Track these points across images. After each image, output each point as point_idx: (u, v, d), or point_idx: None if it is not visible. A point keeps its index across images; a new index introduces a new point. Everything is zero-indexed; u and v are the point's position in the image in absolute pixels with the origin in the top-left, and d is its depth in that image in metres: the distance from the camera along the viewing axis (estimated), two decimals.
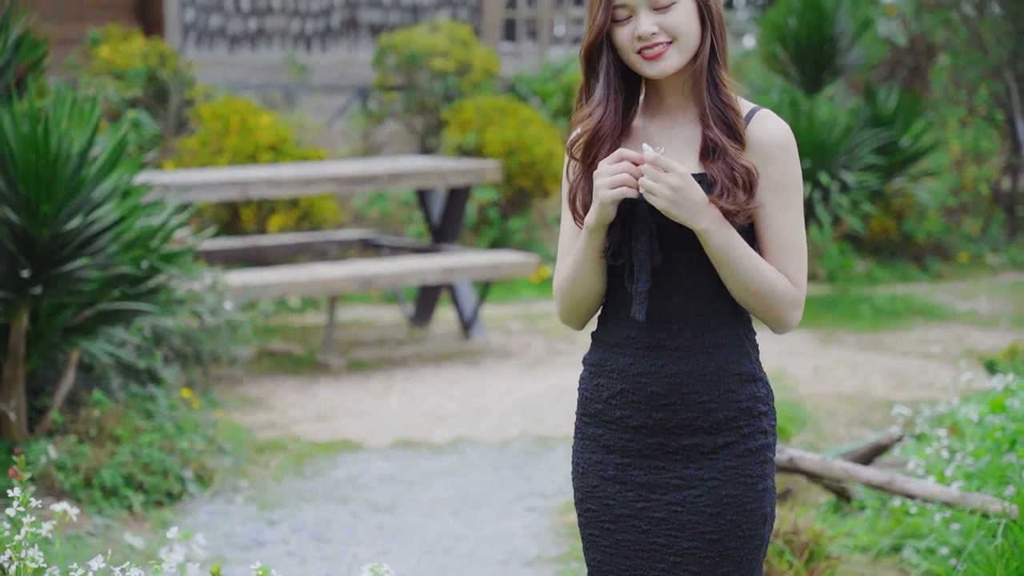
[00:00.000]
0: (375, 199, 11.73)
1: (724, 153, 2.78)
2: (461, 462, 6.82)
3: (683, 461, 2.85)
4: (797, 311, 2.84)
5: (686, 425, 2.84)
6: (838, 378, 8.55)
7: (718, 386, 2.83)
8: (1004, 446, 5.08)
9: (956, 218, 13.37)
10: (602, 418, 2.92)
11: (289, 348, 9.26)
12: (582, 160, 2.86)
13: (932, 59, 14.53)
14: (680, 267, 2.82)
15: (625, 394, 2.88)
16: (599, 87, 2.85)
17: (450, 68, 12.72)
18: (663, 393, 2.84)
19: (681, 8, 2.79)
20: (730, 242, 2.76)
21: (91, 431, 6.09)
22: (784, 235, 2.82)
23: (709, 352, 2.83)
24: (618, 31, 2.82)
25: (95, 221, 5.73)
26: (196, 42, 13.77)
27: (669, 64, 2.81)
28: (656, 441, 2.87)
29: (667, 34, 2.79)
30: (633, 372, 2.87)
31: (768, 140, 2.81)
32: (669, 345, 2.84)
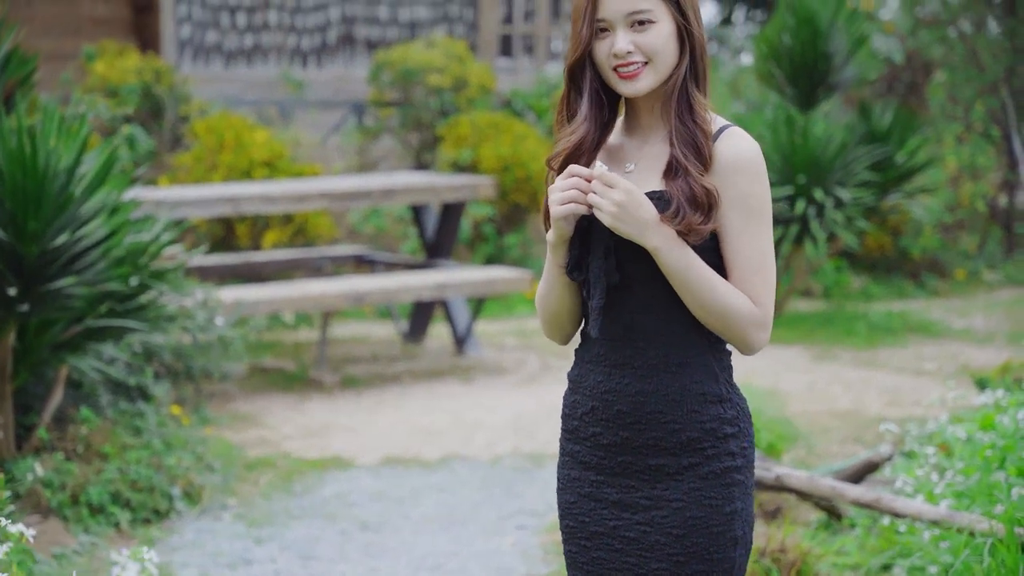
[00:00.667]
0: (370, 215, 11.72)
1: (686, 173, 2.76)
2: (451, 479, 6.79)
3: (650, 481, 2.84)
4: (761, 332, 2.80)
5: (651, 445, 2.83)
6: (832, 395, 8.53)
7: (681, 406, 2.81)
8: (994, 464, 5.05)
9: (953, 235, 13.36)
10: (579, 435, 2.92)
11: (282, 364, 9.24)
12: (559, 174, 2.86)
13: (929, 76, 14.53)
14: (643, 285, 2.81)
15: (596, 411, 2.88)
16: (583, 103, 2.85)
17: (446, 84, 12.72)
18: (628, 412, 2.84)
19: (659, 29, 2.78)
20: (684, 261, 2.75)
21: (78, 448, 6.07)
22: (748, 254, 2.79)
23: (673, 371, 2.82)
24: (597, 46, 2.82)
25: (83, 238, 5.71)
26: (192, 58, 13.78)
27: (643, 85, 2.80)
28: (625, 460, 2.86)
29: (643, 54, 2.78)
30: (602, 390, 2.87)
31: (732, 158, 2.79)
32: (634, 363, 2.83)
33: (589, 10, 2.78)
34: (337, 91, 14.07)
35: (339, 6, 14.37)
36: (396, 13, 14.55)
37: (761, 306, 2.79)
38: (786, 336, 10.30)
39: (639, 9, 2.76)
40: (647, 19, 2.77)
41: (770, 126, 10.45)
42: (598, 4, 2.78)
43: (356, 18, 14.41)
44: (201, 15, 13.83)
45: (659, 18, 2.77)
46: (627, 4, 2.77)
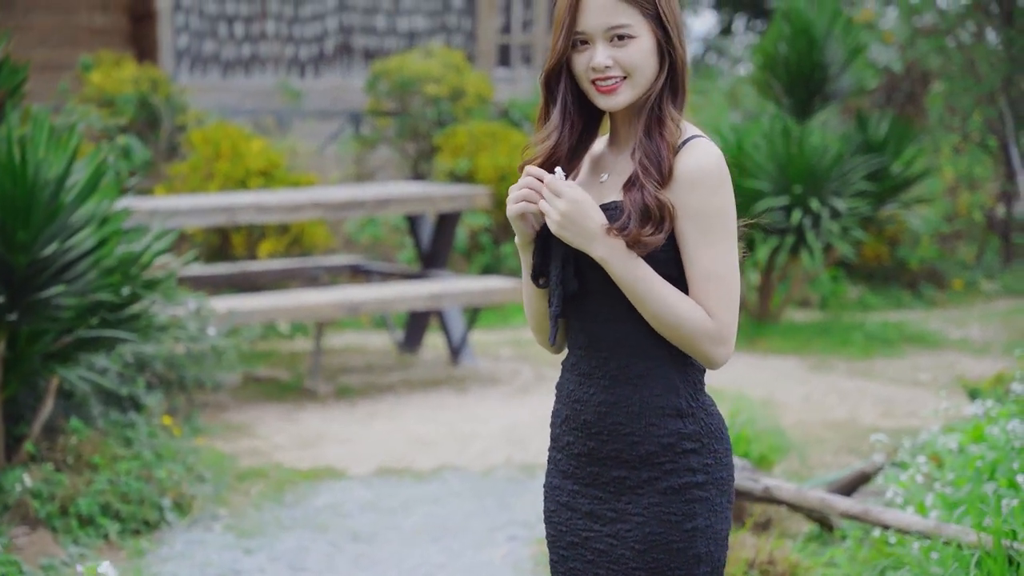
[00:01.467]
0: (366, 224, 11.71)
1: (642, 186, 2.74)
2: (443, 490, 6.77)
3: (615, 493, 2.83)
4: (718, 346, 2.76)
5: (613, 456, 2.82)
6: (827, 405, 8.51)
7: (641, 419, 2.79)
8: (984, 475, 5.03)
9: (950, 245, 13.34)
10: (558, 443, 2.94)
11: (276, 374, 9.23)
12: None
13: (928, 85, 14.53)
14: (604, 295, 2.80)
15: (568, 420, 2.89)
16: (555, 113, 2.84)
17: (443, 94, 12.72)
18: (593, 422, 2.84)
19: (639, 44, 2.76)
20: (633, 272, 2.73)
21: (68, 459, 6.05)
22: (704, 266, 2.75)
23: (633, 383, 2.80)
24: (576, 58, 2.80)
25: (72, 248, 5.70)
26: (190, 68, 13.79)
27: (620, 99, 2.79)
28: (592, 470, 2.86)
29: (622, 69, 2.77)
30: (573, 399, 2.88)
31: (690, 171, 2.75)
32: (598, 373, 2.83)
33: (568, 22, 2.76)
34: (334, 101, 14.08)
35: (337, 16, 14.38)
36: (394, 23, 14.56)
37: (717, 319, 2.75)
38: (783, 346, 10.29)
39: (619, 24, 2.75)
40: (627, 34, 2.75)
41: (766, 136, 10.45)
42: (578, 16, 2.76)
43: (354, 28, 14.42)
44: (199, 25, 13.84)
45: (639, 33, 2.76)
46: (607, 19, 2.75)
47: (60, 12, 13.85)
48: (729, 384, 8.78)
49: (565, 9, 2.77)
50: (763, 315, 10.91)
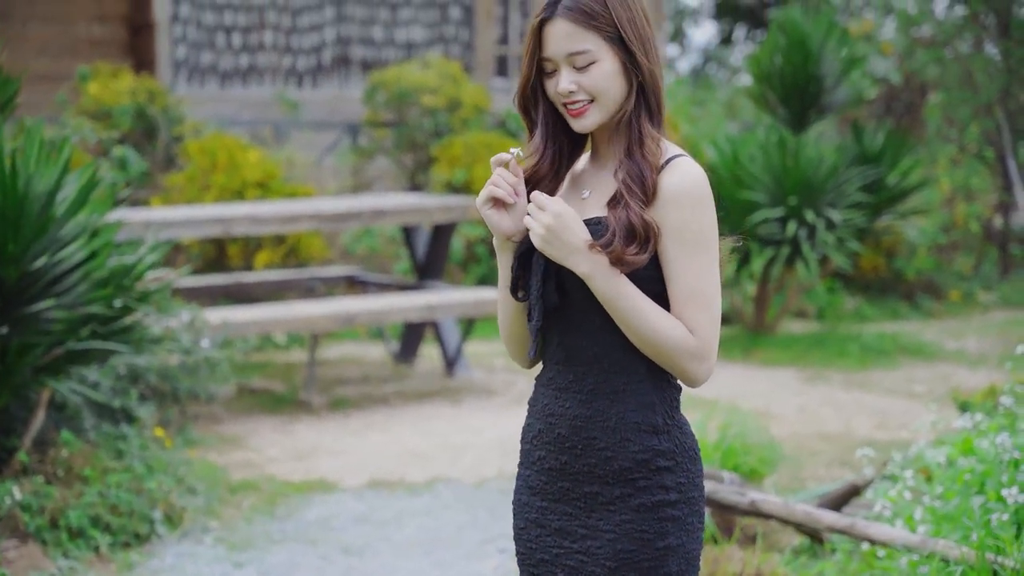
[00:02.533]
0: (362, 235, 11.71)
1: (627, 204, 2.76)
2: (435, 502, 6.76)
3: (586, 509, 2.84)
4: (699, 363, 2.77)
5: (587, 472, 2.83)
6: (822, 417, 8.51)
7: (615, 434, 2.80)
8: (972, 488, 5.02)
9: (948, 256, 13.34)
10: (528, 458, 2.94)
11: (271, 386, 9.22)
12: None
13: (925, 97, 14.54)
14: (584, 310, 2.82)
15: (541, 435, 2.89)
16: (537, 135, 2.89)
17: (440, 104, 12.72)
18: (567, 436, 2.84)
19: (601, 68, 2.79)
20: (616, 289, 2.74)
21: (59, 471, 6.05)
22: (686, 284, 2.77)
23: (610, 398, 2.81)
24: (547, 83, 2.85)
25: (62, 261, 5.71)
26: (188, 78, 13.80)
27: (589, 121, 2.82)
28: (563, 485, 2.86)
29: (586, 92, 2.80)
30: (547, 413, 2.88)
31: (672, 189, 2.77)
32: (575, 388, 2.84)
33: (532, 47, 2.82)
34: (332, 111, 14.09)
35: (334, 27, 14.39)
36: (392, 34, 14.57)
37: (699, 336, 2.76)
38: (779, 358, 10.28)
39: (579, 50, 2.78)
40: (588, 59, 2.79)
41: (762, 147, 10.45)
42: (542, 43, 2.81)
43: (351, 39, 14.43)
44: (197, 36, 13.86)
45: (600, 57, 2.79)
46: (567, 45, 2.78)
47: (58, 23, 13.86)
48: (724, 396, 8.79)
49: (530, 37, 2.82)
50: (759, 326, 10.90)
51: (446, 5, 14.79)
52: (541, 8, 2.81)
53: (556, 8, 2.78)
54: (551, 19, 2.79)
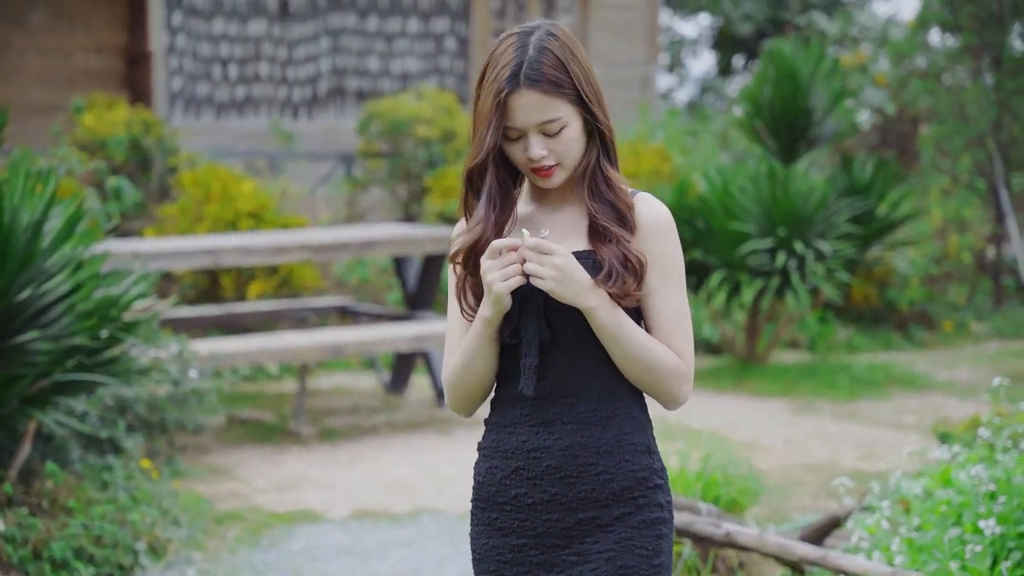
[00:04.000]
0: (355, 266, 11.75)
1: (618, 241, 2.86)
2: (420, 533, 6.78)
3: (579, 536, 2.87)
4: (686, 384, 2.90)
5: (582, 498, 2.87)
6: (809, 448, 8.52)
7: (613, 456, 2.87)
8: (949, 520, 5.04)
9: (940, 286, 13.36)
10: (496, 500, 2.94)
11: (261, 416, 9.25)
12: (465, 268, 2.93)
13: (918, 128, 14.60)
14: (570, 342, 2.88)
15: (520, 472, 2.90)
16: (481, 205, 2.90)
17: (434, 135, 12.78)
18: (558, 466, 2.87)
19: (570, 132, 2.86)
20: (617, 320, 2.83)
21: (43, 503, 6.06)
22: (672, 311, 2.89)
23: (603, 424, 2.88)
24: (509, 148, 2.88)
25: (46, 293, 5.74)
26: (184, 110, 13.87)
27: (556, 180, 2.90)
28: (551, 518, 2.89)
29: (555, 157, 2.86)
30: (527, 448, 2.90)
31: (649, 222, 2.90)
32: (563, 419, 2.88)
33: (496, 118, 2.82)
34: (327, 142, 14.16)
35: (330, 58, 14.47)
36: (387, 65, 14.65)
37: (684, 359, 2.89)
38: (769, 388, 10.30)
39: (550, 119, 2.83)
40: (560, 126, 2.84)
41: (752, 178, 10.50)
42: (508, 114, 2.82)
43: (347, 70, 14.51)
44: (193, 67, 13.94)
45: (569, 121, 2.85)
46: (537, 116, 2.82)
47: (56, 55, 13.95)
48: (713, 426, 8.81)
49: (492, 108, 2.81)
50: (750, 357, 10.93)
51: (441, 37, 14.88)
52: (503, 80, 2.80)
53: (520, 80, 2.80)
54: (517, 91, 2.80)
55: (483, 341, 2.88)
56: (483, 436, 3.02)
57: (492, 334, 2.87)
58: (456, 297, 2.96)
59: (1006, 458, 5.27)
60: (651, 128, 13.99)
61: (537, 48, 2.82)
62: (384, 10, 14.60)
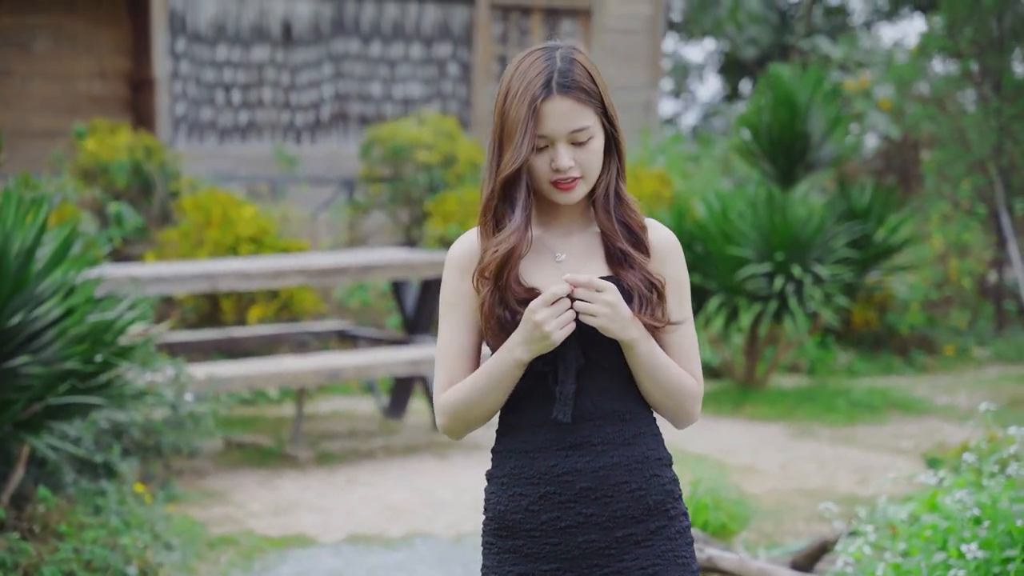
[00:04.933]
0: (355, 290, 11.78)
1: (639, 265, 2.91)
2: (412, 557, 6.79)
3: (617, 555, 2.90)
4: (699, 404, 3.00)
5: (618, 517, 2.90)
6: (805, 473, 8.52)
7: (643, 472, 2.92)
8: (934, 545, 5.04)
9: (942, 311, 13.36)
10: (523, 527, 2.93)
11: (259, 440, 9.26)
12: (495, 281, 2.89)
13: (919, 153, 14.62)
14: (595, 367, 2.92)
15: (550, 497, 2.91)
16: (516, 213, 2.89)
17: (435, 160, 12.83)
18: (593, 487, 2.90)
19: (596, 143, 2.89)
20: (652, 349, 2.90)
21: (35, 527, 6.08)
22: (687, 333, 2.97)
23: (630, 443, 2.92)
24: (534, 159, 2.89)
25: (38, 318, 5.77)
26: (187, 135, 13.94)
27: (577, 195, 2.92)
28: (588, 539, 2.91)
29: (580, 169, 2.88)
30: (557, 473, 2.90)
31: (662, 245, 2.97)
32: (592, 441, 2.91)
33: (530, 126, 2.84)
34: (329, 167, 14.22)
35: (333, 83, 14.54)
36: (390, 90, 14.72)
37: (698, 380, 2.98)
38: (767, 413, 10.31)
39: (582, 127, 2.87)
40: (587, 136, 2.87)
41: (750, 203, 10.51)
42: (540, 121, 2.85)
43: (350, 95, 14.57)
44: (196, 92, 14.01)
45: (595, 132, 2.89)
46: (570, 123, 2.86)
47: (59, 80, 14.03)
48: (711, 451, 8.82)
49: (526, 114, 2.83)
50: (749, 381, 10.93)
51: (444, 62, 14.95)
52: (537, 87, 2.84)
53: (552, 87, 2.84)
54: (550, 98, 2.84)
55: (512, 375, 2.87)
56: (496, 464, 3.02)
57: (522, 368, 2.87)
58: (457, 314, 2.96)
59: (992, 483, 5.28)
60: (652, 153, 14.03)
61: (565, 60, 2.87)
62: (387, 36, 14.68)
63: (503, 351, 2.87)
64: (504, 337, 2.88)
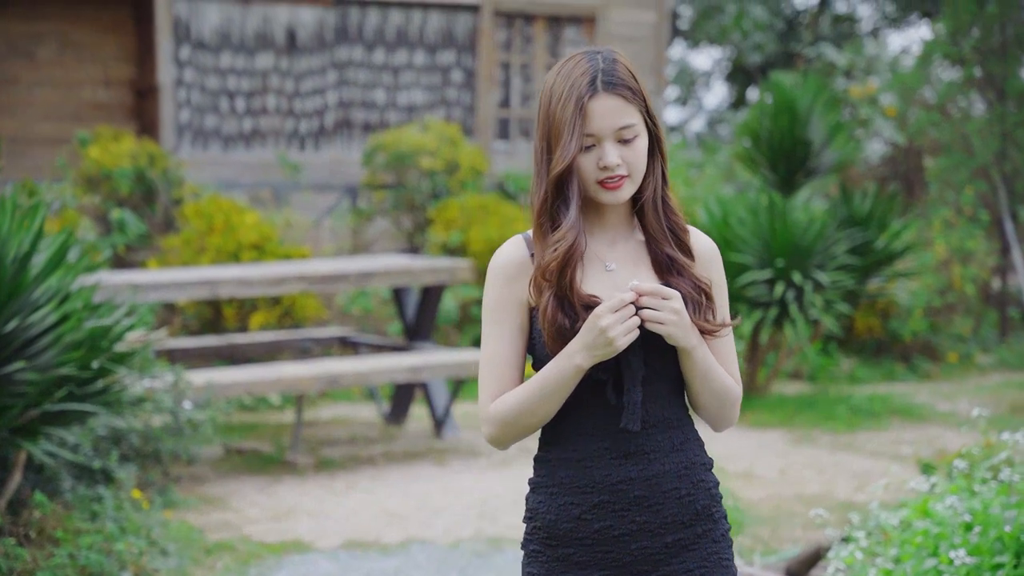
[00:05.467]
0: (357, 297, 11.80)
1: (687, 270, 2.93)
2: (408, 563, 6.80)
3: (666, 559, 2.93)
4: (739, 407, 3.04)
5: (668, 523, 2.93)
6: (803, 479, 8.52)
7: (691, 478, 2.95)
8: (925, 551, 5.04)
9: (945, 318, 13.34)
10: (574, 536, 2.94)
11: (259, 446, 9.28)
12: (557, 282, 2.87)
13: (922, 159, 14.61)
14: (656, 378, 2.94)
15: (604, 505, 2.91)
16: (571, 210, 2.88)
17: (438, 167, 12.85)
18: (646, 495, 2.92)
19: (641, 142, 2.89)
20: (706, 355, 2.92)
21: (31, 533, 6.10)
22: (728, 339, 3.00)
23: (680, 450, 2.95)
24: (582, 159, 2.89)
25: (33, 324, 5.79)
26: (191, 142, 13.97)
27: (624, 194, 2.91)
28: (640, 546, 2.92)
29: (627, 167, 2.88)
30: (612, 481, 2.91)
31: (703, 249, 3.00)
32: (645, 449, 2.92)
33: (578, 124, 2.84)
34: (333, 174, 14.24)
35: (337, 90, 14.56)
36: (394, 97, 14.74)
37: (739, 384, 3.03)
38: (768, 419, 10.30)
39: (628, 124, 2.87)
40: (633, 133, 2.88)
41: (751, 210, 10.52)
42: (586, 119, 2.85)
43: (353, 102, 14.60)
44: (200, 100, 14.04)
45: (640, 131, 2.89)
46: (617, 120, 2.86)
47: (64, 88, 14.07)
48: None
49: (573, 112, 2.84)
50: (750, 388, 10.93)
51: (448, 69, 14.97)
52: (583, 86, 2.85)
53: (598, 85, 2.85)
54: (596, 95, 2.85)
55: (571, 382, 2.86)
56: (543, 473, 2.98)
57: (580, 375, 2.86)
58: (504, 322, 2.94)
59: (984, 489, 5.28)
60: None
61: (608, 60, 2.88)
62: (391, 43, 14.70)
63: (562, 357, 2.84)
64: (561, 344, 2.86)
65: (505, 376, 2.94)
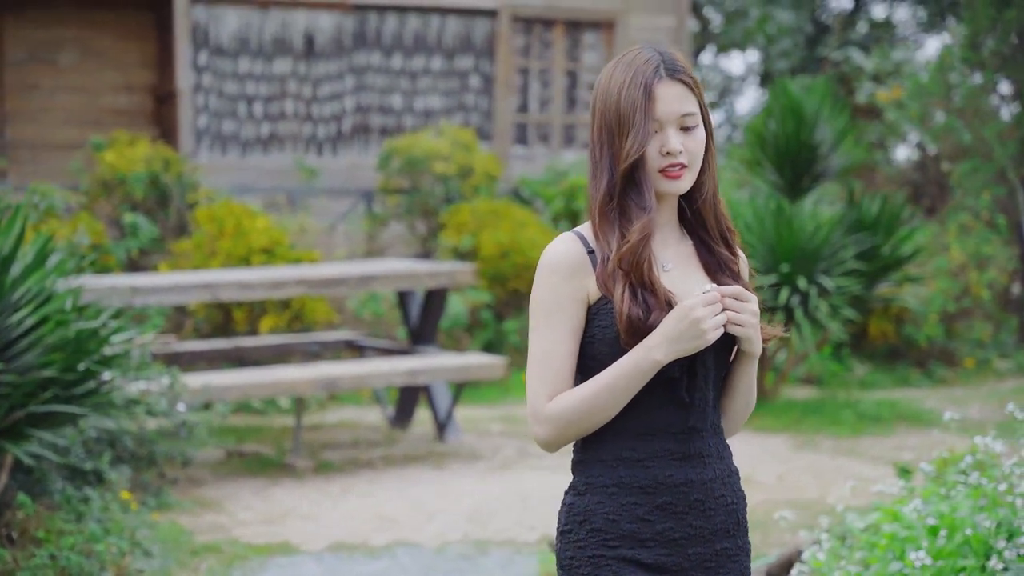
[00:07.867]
0: (367, 301, 11.85)
1: (737, 274, 2.95)
2: (393, 566, 6.82)
3: (714, 568, 2.91)
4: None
5: (718, 530, 2.91)
6: (800, 484, 8.49)
7: (732, 485, 2.96)
8: (891, 554, 5.02)
9: (963, 323, 13.25)
10: (637, 537, 2.88)
11: (261, 449, 9.33)
12: (635, 272, 2.83)
13: (940, 163, 14.53)
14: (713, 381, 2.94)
15: (667, 507, 2.87)
16: (646, 196, 2.85)
17: (452, 172, 12.89)
18: (703, 500, 2.89)
19: (700, 132, 2.88)
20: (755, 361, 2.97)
21: (13, 534, 6.16)
22: None
23: (724, 457, 2.96)
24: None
25: (11, 327, 5.85)
26: (209, 147, 14.06)
27: (684, 184, 2.87)
28: (695, 551, 2.90)
29: (687, 156, 2.85)
30: (674, 483, 2.87)
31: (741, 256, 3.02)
32: (702, 452, 2.90)
33: (648, 108, 2.83)
34: (350, 179, 14.30)
35: (354, 96, 14.62)
36: (411, 102, 14.79)
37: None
38: (773, 424, 10.27)
39: (690, 112, 2.86)
40: (694, 122, 2.87)
41: (757, 214, 10.49)
42: (655, 103, 2.84)
43: (371, 107, 14.65)
44: (219, 105, 14.13)
45: (699, 121, 2.88)
46: (679, 107, 2.85)
47: (85, 93, 14.20)
48: None
49: (641, 97, 2.83)
50: (758, 392, 10.89)
51: (466, 74, 15.00)
52: (648, 73, 2.84)
53: (662, 72, 2.85)
54: (661, 81, 2.85)
55: (645, 377, 2.81)
56: (597, 473, 2.91)
57: (656, 371, 2.82)
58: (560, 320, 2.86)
59: (954, 492, 5.25)
60: None
61: (668, 52, 2.90)
62: (409, 48, 14.75)
63: (638, 351, 2.79)
64: (638, 337, 2.80)
65: (562, 374, 2.86)
